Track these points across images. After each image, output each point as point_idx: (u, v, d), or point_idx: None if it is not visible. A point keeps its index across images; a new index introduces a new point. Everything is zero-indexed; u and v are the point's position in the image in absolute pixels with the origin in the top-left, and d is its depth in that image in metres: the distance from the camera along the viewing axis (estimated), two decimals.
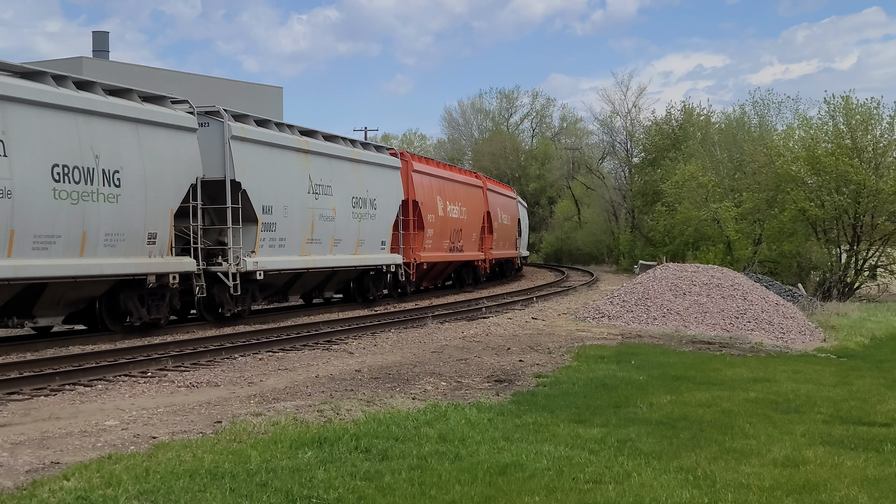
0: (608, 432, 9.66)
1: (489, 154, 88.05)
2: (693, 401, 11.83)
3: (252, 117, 23.42)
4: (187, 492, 7.15)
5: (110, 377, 13.96)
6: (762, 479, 7.92)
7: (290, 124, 25.54)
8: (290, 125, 25.51)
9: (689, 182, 46.77)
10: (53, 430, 9.78)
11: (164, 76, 52.00)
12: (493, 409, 10.89)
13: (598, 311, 24.26)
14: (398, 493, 7.24)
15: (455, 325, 22.13)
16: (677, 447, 9.10)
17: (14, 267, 16.08)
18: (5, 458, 8.40)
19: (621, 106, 72.08)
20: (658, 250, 49.12)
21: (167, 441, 9.03)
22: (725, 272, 27.08)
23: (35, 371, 14.18)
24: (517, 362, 15.46)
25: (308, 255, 24.80)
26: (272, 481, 7.45)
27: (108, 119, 18.30)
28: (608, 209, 72.94)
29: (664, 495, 7.31)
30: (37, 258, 16.54)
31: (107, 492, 7.10)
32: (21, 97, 16.35)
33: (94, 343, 18.14)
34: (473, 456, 8.48)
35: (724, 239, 44.14)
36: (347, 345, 18.30)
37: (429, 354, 16.47)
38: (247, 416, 10.35)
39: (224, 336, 19.26)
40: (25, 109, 16.45)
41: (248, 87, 60.35)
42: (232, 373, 14.44)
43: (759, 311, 23.45)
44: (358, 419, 10.14)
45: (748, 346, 19.27)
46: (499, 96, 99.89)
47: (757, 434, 9.84)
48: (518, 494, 7.30)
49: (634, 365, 15.21)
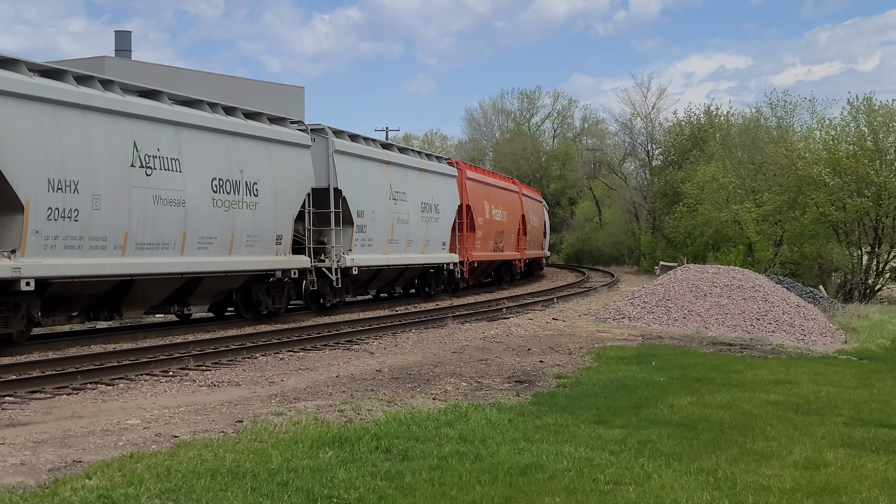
0: (629, 433, 9.65)
1: (510, 154, 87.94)
2: (714, 402, 11.80)
3: (346, 133, 27.08)
4: (209, 491, 7.18)
5: (132, 376, 14.03)
6: (783, 481, 7.90)
7: (373, 138, 29.46)
8: (374, 139, 29.30)
9: (710, 183, 46.64)
10: (75, 429, 9.84)
11: (186, 76, 52.18)
12: (514, 410, 10.89)
13: (619, 312, 24.22)
14: (419, 494, 7.26)
15: (475, 326, 22.14)
16: (698, 449, 9.08)
17: (186, 263, 19.88)
18: (28, 456, 8.46)
19: (642, 107, 71.99)
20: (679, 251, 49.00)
21: (189, 440, 9.07)
22: (746, 274, 27.00)
23: (57, 370, 14.26)
24: (538, 363, 15.46)
25: (388, 253, 28.71)
26: (293, 481, 7.47)
27: (249, 139, 22.08)
28: (629, 210, 72.77)
29: (685, 497, 7.30)
30: (200, 256, 20.27)
31: (129, 490, 7.14)
32: (189, 123, 20.03)
33: (117, 342, 18.24)
34: (494, 456, 8.49)
35: (745, 240, 44.00)
36: (368, 345, 18.34)
37: (449, 355, 16.49)
38: (268, 416, 10.39)
39: (245, 335, 19.34)
40: (193, 133, 20.13)
41: (270, 86, 60.48)
42: (253, 372, 14.50)
43: (781, 313, 23.36)
44: (378, 419, 10.16)
45: (769, 348, 19.21)
46: (520, 97, 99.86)
47: (777, 436, 9.81)
48: (538, 495, 7.30)
49: (655, 366, 15.18)
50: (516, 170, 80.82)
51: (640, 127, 72.14)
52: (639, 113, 71.93)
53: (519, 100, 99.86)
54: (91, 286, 17.92)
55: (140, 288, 19.09)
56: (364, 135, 28.66)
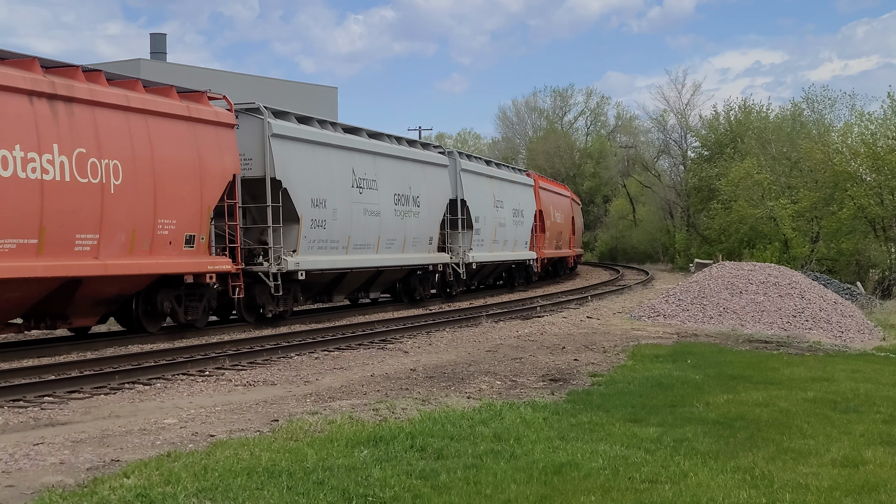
0: (664, 432, 9.61)
1: (543, 153, 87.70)
2: (750, 400, 11.73)
3: (466, 154, 34.63)
4: (245, 489, 7.22)
5: (168, 376, 14.13)
6: (820, 479, 7.83)
7: (482, 157, 36.74)
8: (481, 157, 36.57)
9: (745, 180, 46.33)
10: (113, 429, 9.92)
11: (220, 77, 52.48)
12: (548, 409, 10.87)
13: (654, 309, 24.12)
14: (454, 492, 7.26)
15: (509, 324, 22.12)
16: (734, 447, 9.03)
17: (380, 259, 26.20)
18: (67, 455, 8.54)
19: (676, 103, 71.61)
20: (714, 248, 48.75)
21: (225, 439, 9.12)
22: (783, 270, 26.81)
23: (95, 370, 14.39)
24: (572, 361, 15.43)
25: (492, 251, 34.67)
26: (328, 479, 7.50)
27: (413, 162, 28.55)
28: (663, 207, 72.40)
29: (721, 495, 7.26)
30: (387, 254, 26.57)
31: (166, 489, 7.19)
32: (381, 152, 26.59)
33: (153, 342, 18.37)
34: (529, 455, 8.47)
35: (781, 237, 43.70)
36: (402, 344, 18.36)
37: (483, 353, 16.48)
38: (303, 415, 10.43)
39: (280, 335, 19.43)
40: (383, 160, 26.68)
41: (303, 87, 60.73)
42: (288, 371, 14.56)
43: (817, 310, 23.18)
44: (413, 418, 10.18)
45: (806, 345, 19.06)
46: (553, 95, 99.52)
47: (815, 434, 9.74)
48: (574, 494, 7.28)
49: (690, 364, 15.11)
50: (550, 168, 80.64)
51: (673, 123, 71.82)
52: (673, 109, 71.60)
53: (552, 98, 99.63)
54: (326, 276, 24.08)
55: (350, 278, 25.38)
56: (476, 155, 37.48)
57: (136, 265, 17.70)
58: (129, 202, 17.38)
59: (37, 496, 7.10)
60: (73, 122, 16.38)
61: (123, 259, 17.41)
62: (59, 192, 15.97)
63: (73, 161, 16.29)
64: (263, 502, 6.93)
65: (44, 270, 15.77)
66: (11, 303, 16.11)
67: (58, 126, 16.07)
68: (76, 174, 16.32)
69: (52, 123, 15.99)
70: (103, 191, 16.87)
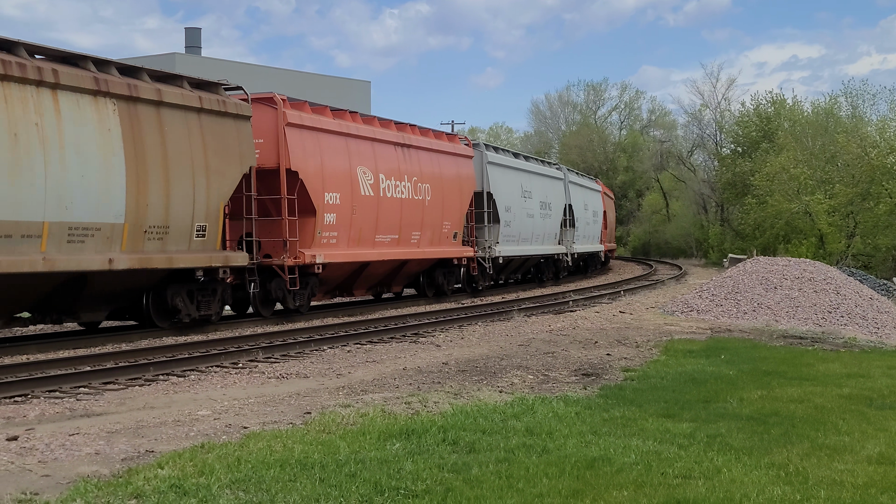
0: (697, 427, 9.56)
1: (576, 147, 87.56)
2: (784, 396, 11.65)
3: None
4: (278, 481, 7.26)
5: (202, 368, 14.22)
6: (856, 475, 7.77)
7: (507, 149, 40.30)
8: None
9: (780, 174, 45.97)
10: (148, 420, 9.99)
11: (254, 71, 52.73)
12: (581, 403, 10.85)
13: (687, 304, 24.01)
14: (486, 486, 7.26)
15: (542, 319, 22.09)
16: (768, 443, 8.97)
17: (532, 249, 36.04)
18: (102, 446, 8.61)
19: (711, 98, 71.20)
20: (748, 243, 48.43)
21: (258, 431, 9.17)
22: (818, 266, 26.60)
23: (130, 361, 14.50)
24: (604, 356, 15.39)
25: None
26: (361, 472, 7.52)
27: (544, 177, 38.48)
28: (697, 202, 72.06)
29: (755, 491, 7.21)
30: (536, 245, 36.42)
31: (200, 480, 7.24)
32: (532, 170, 36.76)
33: (187, 334, 18.49)
34: (561, 449, 8.46)
35: (817, 232, 43.36)
36: (434, 337, 18.38)
37: (515, 347, 16.47)
38: (335, 408, 10.46)
39: (313, 328, 19.50)
40: (533, 176, 36.65)
41: (336, 81, 60.92)
42: (321, 364, 14.60)
43: (853, 306, 22.98)
44: (445, 411, 10.18)
45: (841, 341, 18.91)
46: (586, 89, 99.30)
47: (850, 430, 9.66)
48: (606, 488, 7.26)
49: (724, 359, 15.03)
50: (582, 162, 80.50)
51: (709, 118, 71.41)
52: (708, 104, 71.19)
53: (585, 92, 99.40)
54: (514, 261, 34.48)
55: (515, 263, 35.05)
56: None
57: (434, 252, 27.74)
58: (433, 213, 27.47)
59: (72, 486, 7.16)
60: (410, 160, 26.37)
61: (429, 248, 27.41)
62: (407, 205, 26.05)
63: (412, 186, 26.35)
64: (296, 494, 6.96)
65: (402, 255, 25.77)
66: (379, 271, 25.43)
67: (407, 163, 26.19)
68: (413, 194, 26.40)
69: (404, 161, 26.09)
70: (424, 204, 26.98)
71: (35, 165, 15.02)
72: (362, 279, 25.03)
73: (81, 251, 15.92)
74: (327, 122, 22.91)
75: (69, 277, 16.13)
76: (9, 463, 7.96)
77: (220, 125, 19.15)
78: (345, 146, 23.41)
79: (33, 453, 8.31)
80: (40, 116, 15.19)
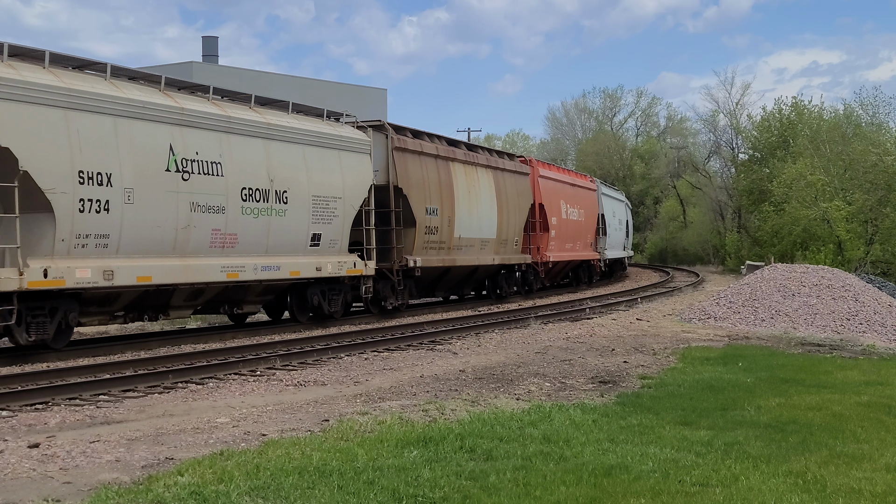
0: (715, 435, 9.56)
1: (593, 154, 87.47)
2: (802, 404, 11.63)
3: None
4: (296, 488, 7.30)
5: (221, 375, 14.29)
6: (874, 484, 7.75)
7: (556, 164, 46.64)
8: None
9: (798, 181, 45.83)
10: (167, 427, 10.06)
11: (269, 79, 52.91)
12: (598, 411, 10.85)
13: (704, 312, 23.96)
14: (503, 493, 7.28)
15: (558, 326, 22.08)
16: (786, 451, 8.96)
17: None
18: (122, 453, 8.67)
19: (725, 104, 71.04)
20: (765, 251, 48.25)
21: (277, 438, 9.21)
22: (836, 273, 26.51)
23: (149, 369, 14.59)
24: (621, 363, 15.38)
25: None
26: (379, 479, 7.55)
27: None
28: (714, 209, 71.87)
29: (773, 499, 7.21)
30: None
31: (219, 487, 7.28)
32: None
33: (206, 342, 18.58)
34: (578, 457, 8.47)
35: (835, 239, 43.18)
36: (451, 345, 18.41)
37: (532, 355, 16.48)
38: (353, 415, 10.50)
39: (330, 336, 19.57)
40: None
41: (353, 89, 61.06)
42: (338, 372, 14.65)
43: (872, 313, 22.89)
44: (462, 419, 10.21)
45: (860, 349, 18.84)
46: (602, 95, 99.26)
47: (869, 438, 9.63)
48: (623, 496, 7.27)
49: (742, 367, 15.00)
50: (599, 169, 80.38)
51: (724, 124, 71.26)
52: (722, 110, 71.04)
53: (601, 99, 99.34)
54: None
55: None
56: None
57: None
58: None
59: (93, 493, 7.22)
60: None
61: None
62: (572, 225, 38.21)
63: (578, 211, 39.14)
64: (315, 501, 7.00)
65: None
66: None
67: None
68: (577, 217, 39.51)
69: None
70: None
71: (472, 208, 29.19)
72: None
73: (479, 253, 29.77)
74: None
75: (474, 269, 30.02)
76: (31, 470, 8.03)
77: (516, 178, 33.70)
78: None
79: (55, 460, 8.38)
80: (476, 181, 29.84)
